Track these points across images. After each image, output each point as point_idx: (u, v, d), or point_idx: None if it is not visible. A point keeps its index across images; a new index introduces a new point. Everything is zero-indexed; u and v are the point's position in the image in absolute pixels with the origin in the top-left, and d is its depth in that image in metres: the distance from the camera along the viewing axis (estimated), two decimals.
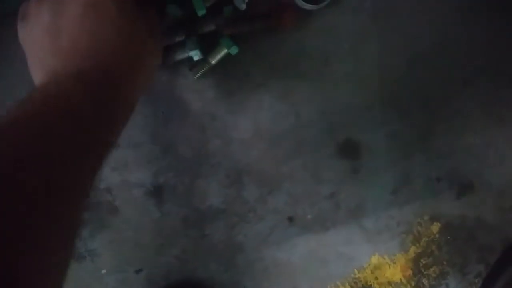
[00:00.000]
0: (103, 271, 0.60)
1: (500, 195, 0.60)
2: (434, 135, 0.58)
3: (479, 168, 0.59)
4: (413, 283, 0.62)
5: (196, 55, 0.50)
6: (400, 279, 0.62)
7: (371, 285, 0.63)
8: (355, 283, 0.62)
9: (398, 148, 0.58)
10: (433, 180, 0.59)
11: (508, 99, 0.57)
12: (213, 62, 0.51)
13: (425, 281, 0.63)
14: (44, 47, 0.35)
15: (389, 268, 0.62)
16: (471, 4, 0.53)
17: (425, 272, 0.62)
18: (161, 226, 0.59)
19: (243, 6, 0.51)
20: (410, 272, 0.62)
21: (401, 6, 0.53)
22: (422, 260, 0.62)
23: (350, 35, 0.54)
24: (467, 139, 0.58)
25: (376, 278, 0.62)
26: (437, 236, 0.61)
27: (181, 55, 0.52)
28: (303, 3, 0.50)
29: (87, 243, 0.59)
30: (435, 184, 0.59)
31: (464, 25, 0.54)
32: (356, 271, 0.62)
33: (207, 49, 0.52)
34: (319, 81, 0.55)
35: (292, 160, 0.57)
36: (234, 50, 0.51)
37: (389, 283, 0.62)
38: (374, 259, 0.62)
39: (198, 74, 0.52)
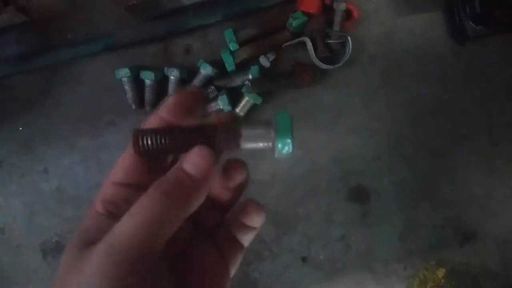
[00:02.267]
0: None
1: (502, 244, 0.63)
2: (437, 185, 0.62)
3: (481, 217, 0.63)
4: None
5: (227, 108, 0.57)
6: None
7: None
8: None
9: (404, 196, 0.63)
10: (438, 227, 0.63)
11: (506, 153, 0.62)
12: (242, 114, 0.58)
13: None
14: None
15: None
16: (467, 69, 0.60)
17: None
18: None
19: (268, 64, 0.58)
20: None
21: (406, 69, 0.60)
22: None
23: (361, 92, 0.61)
24: (469, 190, 0.62)
25: None
26: (442, 281, 0.64)
27: (211, 108, 0.59)
28: (321, 63, 0.57)
29: None
30: (440, 232, 0.63)
31: (462, 87, 0.61)
32: None
33: (235, 100, 0.59)
34: (333, 131, 0.61)
35: (306, 202, 0.62)
36: (258, 101, 0.57)
37: None
38: None
39: None
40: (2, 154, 0.61)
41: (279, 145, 0.23)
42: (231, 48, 0.57)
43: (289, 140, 0.23)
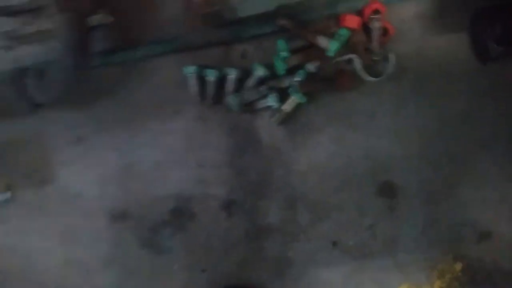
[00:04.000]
0: (175, 267, 0.74)
1: None
2: (458, 186, 0.70)
3: (496, 219, 0.70)
4: None
5: (276, 105, 0.67)
6: None
7: None
8: None
9: (428, 194, 0.71)
10: (457, 225, 0.71)
11: None
12: (288, 110, 0.68)
13: None
14: None
15: None
16: (488, 86, 0.68)
17: None
18: (227, 235, 0.73)
19: (313, 69, 0.68)
20: None
21: (434, 82, 0.69)
22: None
23: (393, 99, 0.70)
24: (485, 193, 0.70)
25: None
26: (459, 274, 0.71)
27: (262, 105, 0.69)
28: (366, 75, 0.67)
29: (166, 241, 0.73)
30: (458, 229, 0.71)
31: (483, 102, 0.69)
32: None
33: (282, 99, 0.69)
34: (366, 132, 0.70)
35: (340, 193, 0.71)
36: (303, 100, 0.67)
37: None
38: (403, 287, 0.72)
39: (276, 120, 0.69)
40: (84, 132, 0.74)
41: None
42: (283, 56, 0.68)
43: None
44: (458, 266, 0.72)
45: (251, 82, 0.70)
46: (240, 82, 0.70)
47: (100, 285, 0.76)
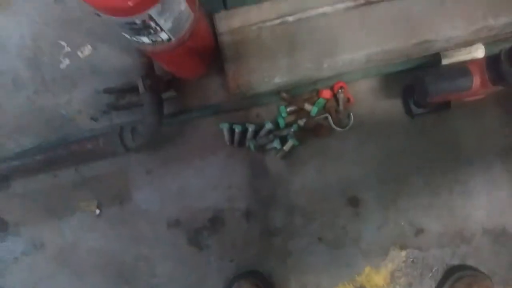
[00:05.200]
0: (212, 258, 1.08)
1: (441, 236, 1.05)
2: (400, 197, 1.06)
3: (426, 219, 1.06)
4: (390, 287, 1.05)
5: (279, 146, 1.05)
6: (382, 284, 1.06)
7: (365, 286, 1.06)
8: (355, 284, 1.06)
9: (381, 203, 1.07)
10: (401, 224, 1.06)
11: (436, 184, 1.06)
12: (286, 150, 1.05)
13: (397, 287, 1.06)
14: None
15: (376, 275, 1.06)
16: (416, 131, 1.06)
17: (397, 281, 1.06)
18: (247, 235, 1.08)
19: (302, 124, 1.06)
20: (388, 280, 1.06)
21: (382, 130, 1.07)
22: (396, 273, 1.06)
23: (355, 141, 1.07)
24: (419, 201, 1.06)
25: (368, 281, 1.06)
26: (404, 259, 1.06)
27: (270, 147, 1.07)
28: (336, 127, 1.05)
29: (205, 241, 1.08)
30: (402, 226, 1.06)
31: (413, 142, 1.06)
32: (356, 276, 1.06)
33: (283, 143, 1.06)
34: (338, 163, 1.07)
35: (322, 203, 1.07)
36: (296, 143, 1.05)
37: (376, 285, 1.06)
38: (367, 269, 1.06)
39: (279, 156, 1.06)
40: (152, 166, 1.10)
41: None
42: (283, 115, 1.06)
43: None
44: (404, 253, 1.07)
45: (263, 132, 1.07)
46: (256, 132, 1.07)
47: (160, 272, 1.10)
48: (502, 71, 0.77)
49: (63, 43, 1.12)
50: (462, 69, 0.84)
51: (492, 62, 0.80)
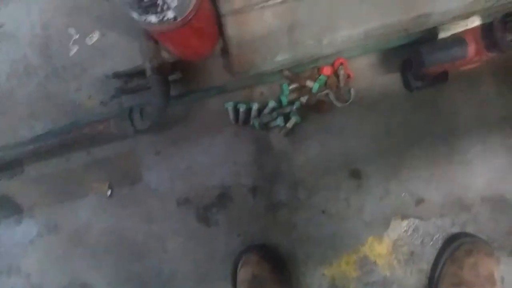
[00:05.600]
0: (220, 233, 1.12)
1: (441, 205, 1.09)
2: (400, 169, 1.10)
3: (426, 189, 1.09)
4: (393, 256, 1.09)
5: (282, 124, 1.08)
6: (385, 253, 1.10)
7: (368, 255, 1.10)
8: (358, 254, 1.10)
9: (382, 175, 1.10)
10: (402, 194, 1.10)
11: (438, 156, 1.09)
12: (289, 127, 1.09)
13: (399, 255, 1.09)
14: None
15: (379, 245, 1.10)
16: (414, 104, 1.10)
17: (399, 250, 1.10)
18: (253, 210, 1.12)
19: (305, 101, 1.10)
20: (390, 249, 1.10)
21: (380, 104, 1.10)
22: (398, 242, 1.10)
23: (356, 115, 1.11)
24: (419, 172, 1.09)
25: (371, 251, 1.10)
26: (405, 228, 1.10)
27: (273, 124, 1.10)
28: (337, 102, 1.08)
29: (214, 216, 1.12)
30: (402, 197, 1.10)
31: (411, 114, 1.10)
32: (360, 246, 1.10)
33: (286, 120, 1.10)
34: (340, 137, 1.11)
35: (325, 177, 1.11)
36: (299, 120, 1.09)
37: (379, 254, 1.10)
38: (370, 239, 1.10)
39: (282, 133, 1.10)
40: (161, 147, 1.14)
41: None
42: (285, 93, 1.10)
43: None
44: (404, 223, 1.11)
45: (266, 110, 1.11)
46: (259, 111, 1.11)
47: (171, 248, 1.14)
48: (496, 38, 0.80)
49: (72, 30, 1.15)
50: (458, 38, 0.87)
51: (486, 30, 0.83)
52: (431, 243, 1.09)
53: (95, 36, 1.16)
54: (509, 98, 1.07)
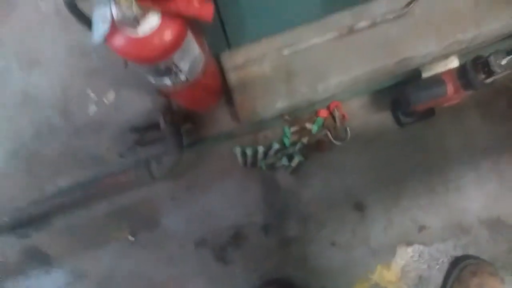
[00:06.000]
0: (237, 271, 1.19)
1: (442, 230, 1.16)
2: (400, 199, 1.18)
3: (427, 216, 1.17)
4: (402, 281, 1.15)
5: (287, 163, 1.18)
6: (395, 280, 1.16)
7: (379, 283, 1.16)
8: (370, 282, 1.16)
9: (383, 206, 1.18)
10: (404, 222, 1.17)
11: (435, 184, 1.18)
12: (294, 165, 1.18)
13: (408, 281, 1.16)
14: None
15: (388, 272, 1.16)
16: (404, 138, 1.19)
17: (408, 275, 1.16)
18: (267, 246, 1.19)
19: (305, 141, 1.20)
20: (399, 275, 1.16)
21: (376, 140, 1.20)
22: (405, 268, 1.16)
23: (352, 152, 1.20)
24: (418, 201, 1.17)
25: (382, 279, 1.16)
26: (411, 254, 1.16)
27: (279, 164, 1.20)
28: (335, 141, 1.18)
29: (230, 255, 1.19)
30: (405, 225, 1.17)
31: (401, 147, 1.19)
32: (369, 275, 1.17)
33: (290, 160, 1.19)
34: (340, 173, 1.20)
35: (330, 211, 1.19)
36: (302, 159, 1.18)
37: (389, 281, 1.16)
38: (379, 268, 1.17)
39: (288, 172, 1.19)
40: (176, 192, 1.23)
41: None
42: (287, 135, 1.20)
43: None
44: (410, 249, 1.17)
45: (271, 152, 1.21)
46: (265, 153, 1.21)
47: None
48: (469, 78, 0.91)
49: (89, 91, 1.27)
50: (438, 79, 0.98)
51: (461, 71, 0.94)
52: (437, 266, 1.15)
53: (111, 95, 1.28)
54: (492, 128, 1.17)
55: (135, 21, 0.68)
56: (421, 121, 1.17)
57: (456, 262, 1.14)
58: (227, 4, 0.93)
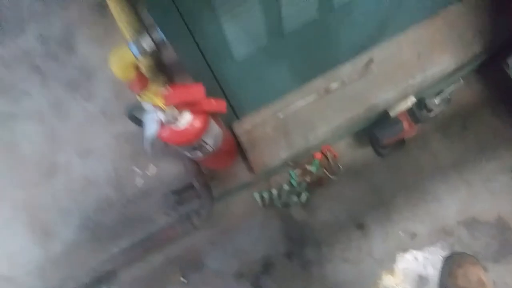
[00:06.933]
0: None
1: (429, 235, 1.43)
2: (392, 213, 1.47)
3: (416, 225, 1.45)
4: (405, 282, 1.41)
5: (297, 200, 1.49)
6: (399, 282, 1.42)
7: (387, 286, 1.42)
8: (379, 286, 1.43)
9: (379, 223, 1.47)
10: (398, 233, 1.45)
11: (416, 199, 1.47)
12: (303, 200, 1.49)
13: (411, 281, 1.42)
14: None
15: (392, 276, 1.43)
16: (385, 167, 1.50)
17: (409, 276, 1.42)
18: (292, 271, 1.47)
19: (308, 179, 1.52)
20: (402, 277, 1.42)
21: (362, 170, 1.52)
22: (406, 271, 1.42)
23: (345, 182, 1.51)
24: (407, 214, 1.46)
25: (388, 282, 1.43)
26: (408, 258, 1.43)
27: (291, 201, 1.51)
28: (330, 176, 1.50)
29: (264, 282, 1.48)
30: (400, 235, 1.45)
31: (383, 174, 1.50)
32: (378, 281, 1.43)
33: (299, 196, 1.51)
34: (342, 199, 1.50)
35: (338, 233, 1.48)
36: (308, 195, 1.49)
37: (395, 284, 1.42)
38: (385, 273, 1.43)
39: (299, 205, 1.50)
40: (213, 237, 1.54)
41: None
42: (294, 177, 1.52)
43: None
44: (406, 255, 1.44)
45: (283, 192, 1.53)
46: (279, 194, 1.53)
47: None
48: (416, 116, 1.24)
49: (135, 168, 1.63)
50: (396, 119, 1.31)
51: (410, 111, 1.27)
52: (432, 265, 1.41)
53: (152, 169, 1.63)
54: (453, 147, 1.48)
55: (175, 119, 1.04)
56: (396, 150, 1.48)
57: (446, 260, 1.40)
58: (231, 89, 1.29)
